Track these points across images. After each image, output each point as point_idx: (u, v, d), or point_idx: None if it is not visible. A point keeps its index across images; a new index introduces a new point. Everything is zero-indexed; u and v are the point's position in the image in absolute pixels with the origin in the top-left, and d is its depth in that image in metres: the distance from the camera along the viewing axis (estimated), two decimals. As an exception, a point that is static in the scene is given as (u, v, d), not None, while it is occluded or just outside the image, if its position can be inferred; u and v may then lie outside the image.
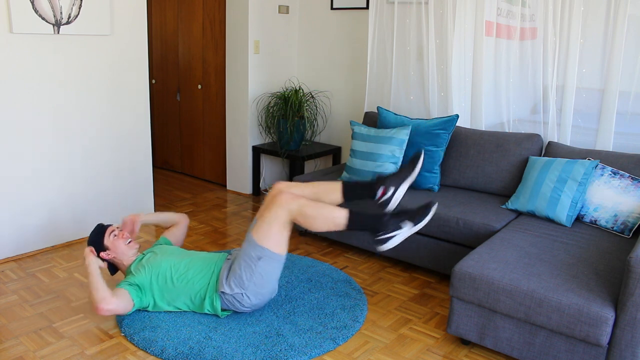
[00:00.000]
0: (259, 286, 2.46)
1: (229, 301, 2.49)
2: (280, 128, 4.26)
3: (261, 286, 2.46)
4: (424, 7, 3.66)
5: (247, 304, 2.49)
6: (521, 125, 3.48)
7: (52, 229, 3.37)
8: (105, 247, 2.60)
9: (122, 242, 2.62)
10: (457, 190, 3.35)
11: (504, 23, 3.43)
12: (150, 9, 5.11)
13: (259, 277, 2.44)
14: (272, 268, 2.45)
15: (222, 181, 4.87)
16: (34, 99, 3.14)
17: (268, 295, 2.53)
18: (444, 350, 2.42)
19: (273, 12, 4.41)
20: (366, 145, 3.37)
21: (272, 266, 2.45)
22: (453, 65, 3.56)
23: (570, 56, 3.15)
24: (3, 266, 3.12)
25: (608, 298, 2.06)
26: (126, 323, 2.51)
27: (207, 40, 4.68)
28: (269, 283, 2.48)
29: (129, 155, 3.68)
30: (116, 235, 2.63)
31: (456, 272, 2.32)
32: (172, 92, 5.14)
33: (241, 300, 2.47)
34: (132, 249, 2.65)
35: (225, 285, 2.46)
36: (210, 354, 2.28)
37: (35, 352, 2.31)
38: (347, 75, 4.44)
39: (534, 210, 2.89)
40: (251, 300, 2.48)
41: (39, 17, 3.05)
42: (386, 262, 3.34)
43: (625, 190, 2.75)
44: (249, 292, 2.46)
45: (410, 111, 3.90)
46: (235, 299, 2.47)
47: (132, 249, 2.65)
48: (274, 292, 2.57)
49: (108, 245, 2.60)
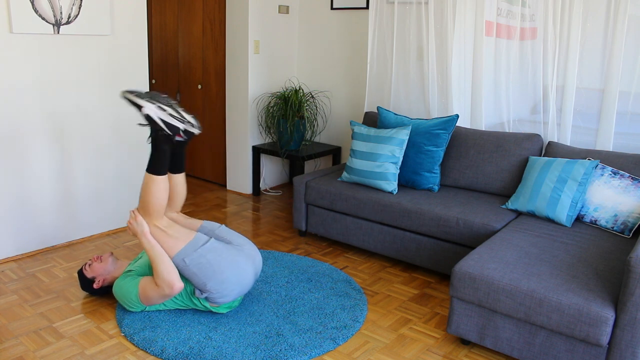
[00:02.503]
0: (213, 275, 2.42)
1: (206, 300, 2.51)
2: (280, 128, 4.26)
3: (214, 273, 2.43)
4: (424, 7, 3.66)
5: (227, 294, 2.47)
6: (521, 125, 3.48)
7: (52, 229, 3.37)
8: (92, 279, 2.70)
9: (97, 264, 2.71)
10: (457, 190, 3.35)
11: (504, 23, 3.43)
12: (150, 9, 5.11)
13: (203, 269, 2.42)
14: (202, 256, 2.43)
15: (222, 181, 4.87)
16: (33, 99, 3.14)
17: (234, 272, 2.47)
18: (444, 350, 2.42)
19: (273, 12, 4.41)
20: (366, 145, 3.37)
21: (198, 254, 2.43)
22: (453, 65, 3.56)
23: (570, 56, 3.15)
24: (3, 266, 3.12)
25: (608, 298, 2.06)
26: (126, 323, 2.51)
27: (207, 40, 4.68)
28: (218, 264, 2.43)
29: (129, 155, 3.68)
30: (90, 265, 2.71)
31: (456, 272, 2.32)
32: (172, 92, 5.14)
33: (217, 296, 2.47)
34: (110, 263, 2.73)
35: (197, 291, 2.49)
36: (210, 354, 2.28)
37: (35, 352, 2.31)
38: (347, 75, 4.44)
39: (534, 210, 2.89)
40: (224, 288, 2.45)
41: (39, 17, 3.05)
42: (386, 262, 3.34)
43: (625, 190, 2.75)
44: (213, 287, 2.43)
45: (410, 111, 3.90)
46: (212, 299, 2.48)
47: (110, 263, 2.73)
48: (240, 264, 2.50)
49: (93, 276, 2.70)
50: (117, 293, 2.57)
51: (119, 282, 2.58)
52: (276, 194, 4.66)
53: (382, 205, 3.16)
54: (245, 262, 2.52)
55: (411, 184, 3.36)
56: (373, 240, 3.26)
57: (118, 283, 2.58)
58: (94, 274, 2.69)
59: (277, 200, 4.48)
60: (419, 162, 3.31)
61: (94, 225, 3.58)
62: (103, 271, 2.70)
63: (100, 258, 2.74)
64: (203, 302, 2.51)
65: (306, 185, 3.51)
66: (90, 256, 3.29)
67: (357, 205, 3.25)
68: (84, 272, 2.72)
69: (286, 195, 4.61)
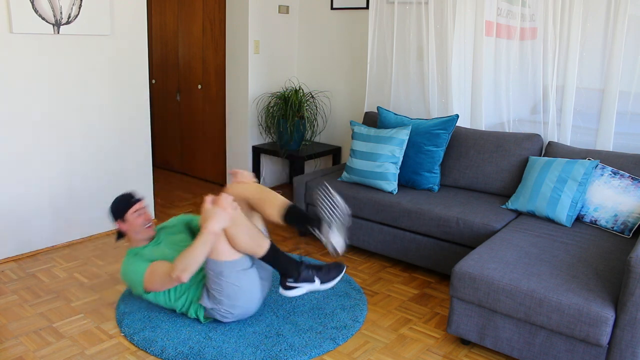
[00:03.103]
0: (233, 299, 2.38)
1: (210, 313, 2.46)
2: (280, 128, 4.26)
3: (235, 298, 2.38)
4: (424, 7, 3.66)
5: (228, 317, 2.45)
6: (521, 125, 3.48)
7: (52, 229, 3.37)
8: (125, 218, 2.57)
9: (141, 224, 2.57)
10: (457, 190, 3.35)
11: (504, 23, 3.43)
12: (150, 9, 5.11)
13: (230, 291, 2.37)
14: (239, 278, 2.36)
15: (222, 181, 4.87)
16: (33, 99, 3.14)
17: (247, 305, 2.44)
18: (444, 350, 2.42)
19: (273, 12, 4.41)
20: (366, 145, 3.37)
21: (238, 277, 2.36)
22: (453, 65, 3.56)
23: (570, 56, 3.15)
24: (3, 266, 3.12)
25: (608, 298, 2.06)
26: (126, 323, 2.51)
27: (207, 40, 4.68)
28: (243, 295, 2.39)
29: (129, 155, 3.68)
30: (139, 215, 2.57)
31: (456, 272, 2.32)
32: (172, 92, 5.14)
33: (220, 314, 2.44)
34: (145, 234, 2.60)
35: (204, 297, 2.43)
36: (210, 354, 2.28)
37: (35, 352, 2.31)
38: (347, 75, 4.44)
39: (534, 210, 2.89)
40: (230, 312, 2.43)
41: (39, 17, 3.05)
42: (386, 262, 3.34)
43: (625, 190, 2.75)
44: (225, 306, 2.40)
45: (410, 111, 3.89)
46: (214, 312, 2.44)
47: (145, 234, 2.60)
48: (255, 301, 2.47)
49: (127, 219, 2.56)
50: (124, 271, 2.50)
51: (128, 261, 2.51)
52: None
53: (382, 205, 3.16)
54: (260, 298, 2.51)
55: (411, 184, 3.36)
56: (373, 240, 3.26)
57: (127, 262, 2.51)
58: (128, 220, 2.56)
59: (277, 200, 4.47)
60: (419, 162, 3.31)
61: (94, 225, 3.58)
62: (133, 230, 2.57)
63: (150, 225, 2.59)
64: (199, 312, 2.49)
65: (306, 185, 3.51)
66: (90, 256, 3.29)
67: (357, 205, 3.25)
68: (130, 208, 2.55)
69: (286, 195, 4.60)
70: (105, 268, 3.13)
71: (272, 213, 2.47)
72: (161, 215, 4.05)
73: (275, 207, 2.47)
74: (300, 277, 2.43)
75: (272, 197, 2.50)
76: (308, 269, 2.44)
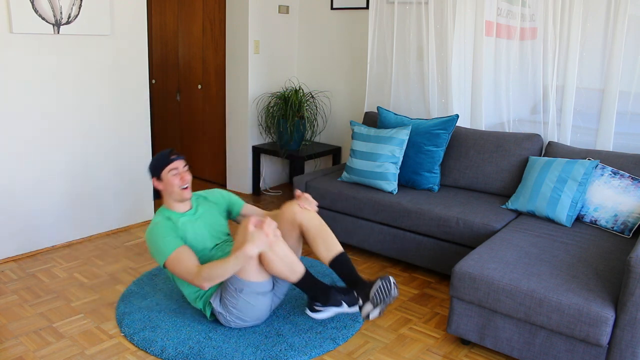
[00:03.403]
0: (243, 314, 2.39)
1: (215, 313, 2.46)
2: (280, 128, 4.26)
3: (245, 314, 2.39)
4: (424, 7, 3.66)
5: (231, 324, 2.45)
6: (521, 125, 3.48)
7: (52, 229, 3.37)
8: (161, 177, 2.47)
9: (177, 185, 2.44)
10: (457, 190, 3.35)
11: (504, 23, 3.43)
12: (150, 9, 5.11)
13: (243, 307, 2.36)
14: (256, 299, 2.36)
15: (222, 181, 4.87)
16: (33, 99, 3.14)
17: (252, 322, 2.45)
18: (444, 350, 2.42)
19: (273, 12, 4.41)
20: (366, 145, 3.37)
21: (256, 298, 2.36)
22: (453, 65, 3.56)
23: (570, 56, 3.15)
24: (3, 266, 3.12)
25: (608, 298, 2.06)
26: (126, 323, 2.51)
27: (207, 40, 4.68)
28: (253, 312, 2.39)
29: (129, 155, 3.68)
30: (175, 175, 2.45)
31: (456, 272, 2.32)
32: (172, 92, 5.14)
33: (225, 319, 2.43)
34: (180, 196, 2.47)
35: (216, 299, 2.42)
36: (210, 354, 2.28)
37: (35, 352, 2.31)
38: (347, 75, 4.44)
39: (534, 210, 2.89)
40: (235, 322, 2.43)
41: (39, 17, 3.05)
42: (386, 262, 3.34)
43: (625, 190, 2.75)
44: (232, 316, 2.40)
45: (410, 111, 3.89)
46: (220, 316, 2.44)
47: (180, 196, 2.47)
48: (261, 319, 2.47)
49: (163, 178, 2.46)
50: (151, 237, 2.40)
51: (159, 229, 2.38)
52: (276, 194, 4.66)
53: (382, 205, 3.16)
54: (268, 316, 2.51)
55: (411, 184, 3.36)
56: (373, 240, 3.26)
57: (157, 228, 2.38)
58: (164, 179, 2.45)
59: (277, 200, 4.48)
60: (419, 162, 3.31)
61: (94, 225, 3.58)
62: (168, 190, 2.45)
63: (187, 187, 2.45)
64: (207, 309, 2.48)
65: (306, 185, 3.51)
66: (90, 256, 3.29)
67: (357, 205, 3.25)
68: (166, 166, 2.44)
69: (286, 196, 4.61)
70: (105, 268, 3.13)
71: (322, 252, 2.42)
72: (161, 215, 4.05)
73: (328, 250, 2.42)
74: (328, 302, 2.41)
75: (329, 238, 2.44)
76: (337, 294, 2.43)
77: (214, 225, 2.59)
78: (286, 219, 2.48)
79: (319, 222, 2.47)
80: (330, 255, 2.41)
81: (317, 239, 2.43)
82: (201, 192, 2.72)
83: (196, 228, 2.50)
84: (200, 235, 2.50)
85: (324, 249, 2.42)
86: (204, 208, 2.61)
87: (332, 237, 2.45)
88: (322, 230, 2.45)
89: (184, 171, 2.48)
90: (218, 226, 2.60)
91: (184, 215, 2.51)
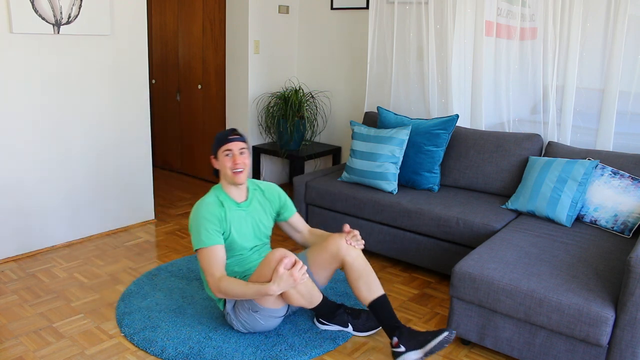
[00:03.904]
0: (252, 327, 2.40)
1: (225, 311, 2.46)
2: (280, 128, 4.26)
3: (253, 328, 2.41)
4: (424, 7, 3.66)
5: (235, 327, 2.45)
6: (521, 125, 3.48)
7: (52, 229, 3.37)
8: (217, 155, 2.39)
9: (228, 167, 2.35)
10: (457, 190, 3.35)
11: (504, 23, 3.43)
12: (150, 9, 5.11)
13: (253, 323, 2.38)
14: (268, 320, 2.38)
15: (222, 181, 4.87)
16: (33, 99, 3.14)
17: (260, 332, 2.46)
18: (444, 350, 2.42)
19: (273, 12, 4.41)
20: (366, 145, 3.37)
21: (268, 319, 2.37)
22: (453, 65, 3.56)
23: (570, 56, 3.15)
24: (3, 266, 3.12)
25: (608, 298, 2.06)
26: (126, 323, 2.51)
27: (207, 40, 4.68)
28: (262, 328, 2.41)
29: (129, 155, 3.68)
30: (229, 156, 2.35)
31: (456, 272, 2.32)
32: (172, 92, 5.14)
33: (232, 322, 2.44)
34: (231, 179, 2.37)
35: (229, 305, 2.41)
36: (210, 354, 2.28)
37: (35, 352, 2.31)
38: (347, 75, 4.44)
39: (534, 210, 2.89)
40: (240, 329, 2.44)
41: (39, 17, 3.04)
42: (386, 262, 3.34)
43: (625, 190, 2.75)
44: (241, 324, 2.41)
45: (410, 111, 3.89)
46: (228, 317, 2.44)
47: (231, 179, 2.37)
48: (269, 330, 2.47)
49: (218, 157, 2.39)
50: (195, 217, 2.33)
51: (208, 208, 2.32)
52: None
53: (382, 205, 3.16)
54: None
55: (411, 184, 3.36)
56: (373, 240, 3.26)
57: (203, 211, 2.32)
58: (219, 159, 2.37)
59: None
60: (419, 162, 3.31)
61: (94, 225, 3.58)
62: (221, 172, 2.37)
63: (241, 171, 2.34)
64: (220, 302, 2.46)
65: (306, 185, 3.51)
66: (90, 256, 3.29)
67: (357, 205, 3.25)
68: (222, 145, 2.34)
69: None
70: (105, 268, 3.14)
71: (363, 293, 2.33)
72: (161, 215, 4.05)
73: (369, 291, 2.32)
74: (333, 319, 2.46)
75: (372, 279, 2.34)
76: (345, 314, 2.44)
77: (260, 225, 2.51)
78: (329, 251, 2.38)
79: (364, 261, 2.37)
80: (371, 297, 2.33)
81: (360, 279, 2.34)
82: (260, 182, 2.61)
83: (243, 226, 2.43)
84: (244, 234, 2.44)
85: (365, 290, 2.33)
86: (257, 202, 2.52)
87: (375, 278, 2.36)
88: (365, 270, 2.35)
89: (239, 154, 2.36)
90: (263, 227, 2.53)
91: (238, 206, 2.42)
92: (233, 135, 2.37)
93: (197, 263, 3.15)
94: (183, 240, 3.60)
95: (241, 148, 2.37)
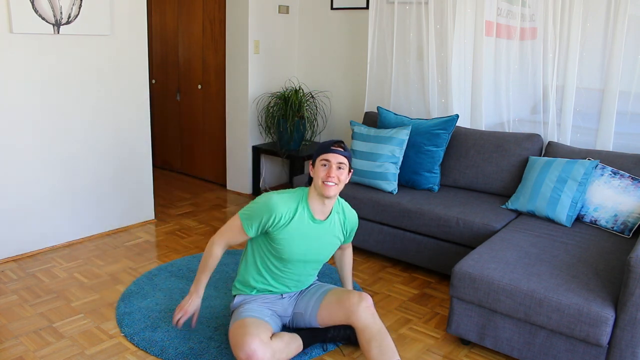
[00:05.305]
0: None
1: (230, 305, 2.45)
2: (280, 128, 4.26)
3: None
4: (424, 7, 3.66)
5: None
6: (521, 125, 3.48)
7: (52, 229, 3.37)
8: (314, 163, 2.26)
9: (320, 177, 2.19)
10: (457, 190, 3.35)
11: (504, 23, 3.43)
12: (150, 9, 5.11)
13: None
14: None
15: (222, 181, 4.87)
16: (33, 99, 3.14)
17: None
18: (444, 350, 2.42)
19: (273, 12, 4.41)
20: (366, 145, 3.37)
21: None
22: (453, 65, 3.56)
23: (570, 56, 3.15)
24: (3, 266, 3.12)
25: (608, 298, 2.06)
26: (126, 323, 2.51)
27: (207, 40, 4.68)
28: None
29: (129, 155, 3.68)
30: (324, 167, 2.20)
31: (456, 272, 2.32)
32: (172, 92, 5.14)
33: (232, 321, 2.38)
34: (319, 190, 2.20)
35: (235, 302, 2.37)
36: (211, 354, 2.28)
37: (35, 352, 2.31)
38: (347, 75, 4.44)
39: (534, 210, 2.89)
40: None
41: (39, 17, 3.04)
42: (386, 262, 3.34)
43: (625, 190, 2.75)
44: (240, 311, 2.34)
45: (410, 111, 3.89)
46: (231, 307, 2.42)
47: (319, 190, 2.20)
48: None
49: (315, 165, 2.25)
50: (264, 199, 2.23)
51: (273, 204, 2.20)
52: (276, 194, 4.65)
53: (382, 205, 3.16)
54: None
55: (411, 184, 3.36)
56: (373, 240, 3.26)
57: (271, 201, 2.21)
58: (313, 169, 2.25)
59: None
60: (419, 162, 3.31)
61: (94, 225, 3.58)
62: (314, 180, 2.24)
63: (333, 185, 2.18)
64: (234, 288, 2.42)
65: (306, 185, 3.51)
66: (90, 256, 3.29)
67: (357, 205, 3.25)
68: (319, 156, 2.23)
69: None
70: (105, 268, 3.14)
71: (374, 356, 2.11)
72: (161, 215, 4.05)
73: (382, 354, 2.11)
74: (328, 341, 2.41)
75: (387, 348, 2.11)
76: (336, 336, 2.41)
77: (322, 249, 2.33)
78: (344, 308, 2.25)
79: (383, 330, 2.16)
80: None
81: (374, 346, 2.11)
82: (345, 206, 2.41)
83: (302, 240, 2.26)
84: (295, 247, 2.26)
85: (377, 353, 2.10)
86: (334, 225, 2.35)
87: (390, 346, 2.13)
88: (381, 336, 2.14)
89: (336, 168, 2.20)
90: (325, 251, 2.35)
91: (313, 221, 2.27)
92: (336, 147, 2.23)
93: (197, 263, 3.15)
94: (183, 240, 3.60)
95: (340, 162, 2.21)
